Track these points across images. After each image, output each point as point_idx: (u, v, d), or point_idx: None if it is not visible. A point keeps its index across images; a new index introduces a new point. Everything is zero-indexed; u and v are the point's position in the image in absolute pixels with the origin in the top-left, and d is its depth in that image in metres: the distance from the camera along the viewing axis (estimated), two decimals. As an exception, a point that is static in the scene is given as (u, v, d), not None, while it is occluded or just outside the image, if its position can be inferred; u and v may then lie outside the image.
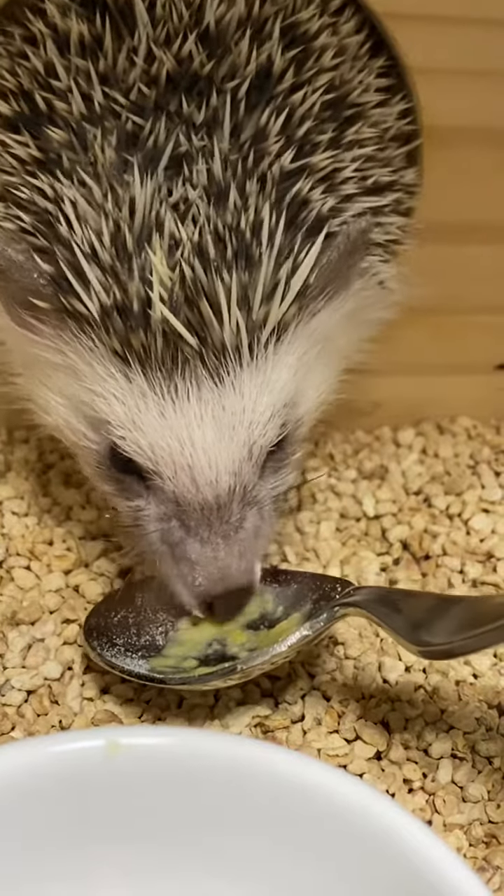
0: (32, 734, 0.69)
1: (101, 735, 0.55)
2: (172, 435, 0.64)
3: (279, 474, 0.70)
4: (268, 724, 0.70)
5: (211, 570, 0.66)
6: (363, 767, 0.68)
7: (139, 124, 0.67)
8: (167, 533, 0.67)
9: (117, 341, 0.63)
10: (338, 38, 0.74)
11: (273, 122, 0.68)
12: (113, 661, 0.69)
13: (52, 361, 0.68)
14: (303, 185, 0.67)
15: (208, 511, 0.65)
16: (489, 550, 0.83)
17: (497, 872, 0.63)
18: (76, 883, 0.55)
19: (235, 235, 0.64)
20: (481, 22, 0.78)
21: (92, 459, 0.69)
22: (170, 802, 0.55)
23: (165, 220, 0.63)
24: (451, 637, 0.62)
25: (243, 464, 0.65)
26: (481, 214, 0.86)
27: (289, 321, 0.65)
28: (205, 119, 0.67)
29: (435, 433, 0.96)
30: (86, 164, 0.66)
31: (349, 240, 0.67)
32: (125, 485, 0.68)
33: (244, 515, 0.66)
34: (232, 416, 0.64)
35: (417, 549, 0.83)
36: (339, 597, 0.69)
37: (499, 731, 0.70)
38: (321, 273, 0.66)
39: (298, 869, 0.54)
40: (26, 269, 0.65)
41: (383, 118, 0.76)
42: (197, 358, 0.63)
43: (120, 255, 0.63)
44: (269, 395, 0.66)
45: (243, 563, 0.66)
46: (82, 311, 0.64)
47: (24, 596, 0.78)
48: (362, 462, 0.92)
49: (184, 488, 0.65)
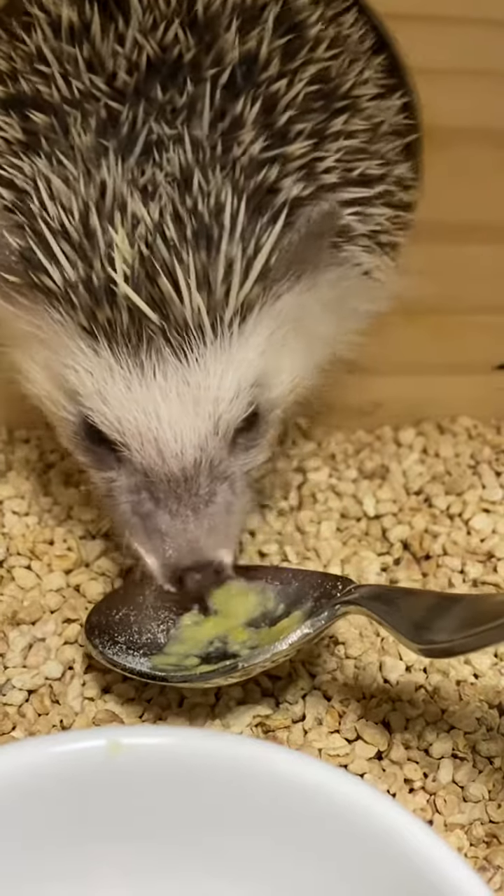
0: (33, 734, 0.69)
1: (103, 735, 0.55)
2: (139, 408, 0.66)
3: (250, 452, 0.71)
4: (269, 724, 0.70)
5: (180, 541, 0.68)
6: (364, 767, 0.68)
7: (118, 110, 0.68)
8: (137, 504, 0.69)
9: (84, 316, 0.65)
10: (337, 30, 0.75)
11: (251, 109, 0.68)
12: (114, 659, 0.69)
13: (32, 334, 0.69)
14: (274, 172, 0.68)
15: (175, 483, 0.67)
16: (490, 550, 0.83)
17: (498, 872, 0.63)
18: (77, 882, 0.55)
19: (195, 217, 0.65)
20: (482, 22, 0.78)
21: (69, 430, 0.71)
22: (171, 802, 0.55)
23: (130, 200, 0.65)
24: (451, 635, 0.62)
25: (209, 437, 0.67)
26: (481, 214, 0.86)
27: (252, 301, 0.67)
28: (183, 105, 0.68)
29: (435, 433, 0.96)
30: (66, 147, 0.68)
31: (310, 222, 0.68)
32: (98, 456, 0.70)
33: (213, 490, 0.68)
34: (197, 391, 0.66)
35: (418, 548, 0.83)
36: (341, 595, 0.69)
37: (499, 730, 0.70)
38: (283, 255, 0.67)
39: (300, 869, 0.54)
40: (1, 245, 0.67)
41: (378, 112, 0.76)
42: (160, 335, 0.64)
43: (87, 233, 0.65)
44: (234, 372, 0.67)
45: (213, 538, 0.68)
46: (50, 286, 0.66)
47: (25, 595, 0.78)
48: (363, 462, 0.92)
49: (151, 460, 0.67)
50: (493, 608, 0.62)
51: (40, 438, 0.92)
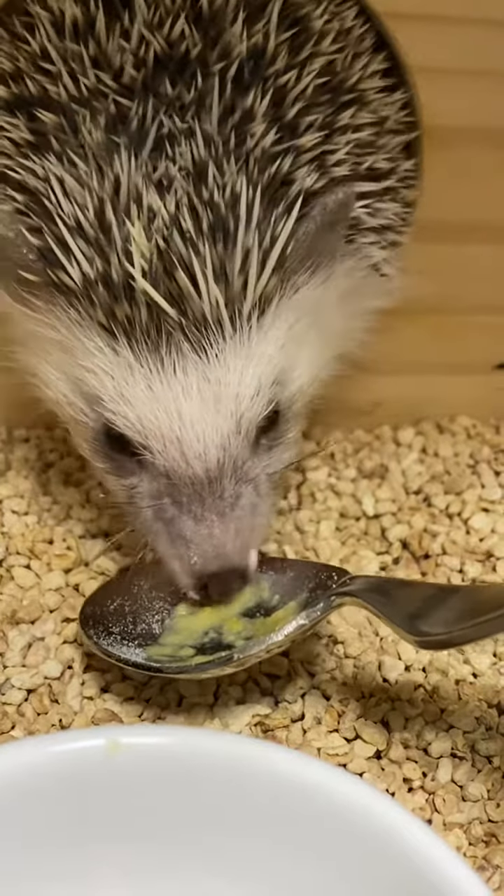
0: (32, 733, 0.69)
1: (102, 734, 0.55)
2: (160, 407, 0.65)
3: (273, 452, 0.70)
4: (268, 723, 0.70)
5: (206, 547, 0.66)
6: (363, 766, 0.68)
7: (127, 106, 0.68)
8: (160, 510, 0.67)
9: (102, 313, 0.65)
10: (340, 24, 0.75)
11: (260, 102, 0.68)
12: (109, 649, 0.69)
13: (48, 337, 0.69)
14: (287, 164, 0.68)
15: (199, 486, 0.66)
16: (489, 550, 0.83)
17: (497, 871, 0.63)
18: (76, 882, 0.55)
19: (211, 209, 0.65)
20: (482, 22, 0.78)
21: (88, 435, 0.70)
22: (170, 801, 0.55)
23: (146, 194, 0.65)
24: (449, 627, 0.62)
25: (232, 437, 0.66)
26: (481, 214, 0.86)
27: (270, 294, 0.66)
28: (192, 100, 0.68)
29: (434, 432, 0.96)
30: (76, 146, 0.67)
31: (326, 211, 0.68)
32: (118, 463, 0.69)
33: (238, 492, 0.67)
34: (218, 387, 0.65)
35: (417, 548, 0.83)
36: (336, 586, 0.69)
37: (498, 730, 0.70)
38: (300, 245, 0.67)
39: (298, 868, 0.54)
40: (17, 244, 0.66)
41: (383, 106, 0.76)
42: (179, 330, 0.64)
43: (103, 228, 0.64)
44: (254, 368, 0.66)
45: (239, 542, 0.67)
46: (69, 284, 0.65)
47: (24, 595, 0.78)
48: (362, 461, 0.92)
49: (174, 462, 0.66)
50: (491, 599, 0.62)
51: (39, 438, 0.92)
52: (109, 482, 0.72)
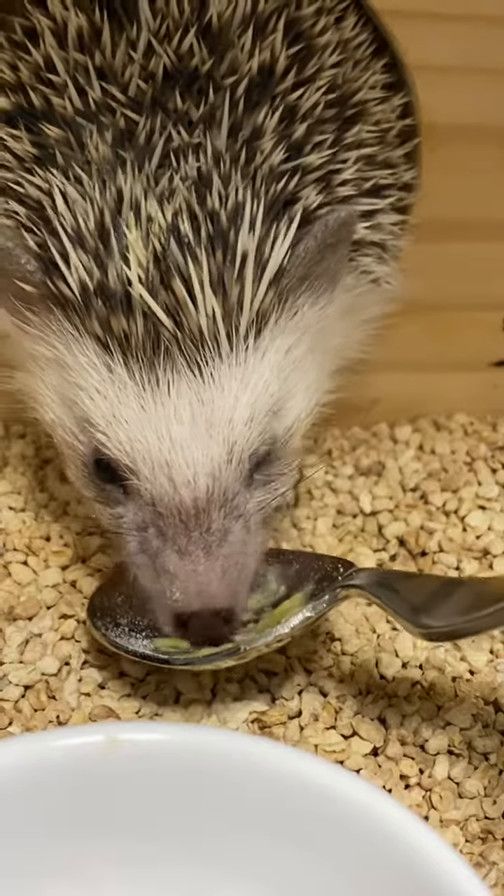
0: (30, 729, 0.69)
1: (101, 730, 0.55)
2: (151, 429, 0.63)
3: (268, 488, 0.68)
4: (265, 720, 0.70)
5: (188, 584, 0.63)
6: (360, 763, 0.68)
7: (134, 120, 0.67)
8: (144, 542, 0.65)
9: (98, 325, 0.63)
10: (339, 35, 0.74)
11: (270, 119, 0.67)
12: (117, 641, 0.69)
13: (44, 356, 0.68)
14: (293, 183, 0.67)
15: (186, 516, 0.63)
16: (485, 547, 0.83)
17: (493, 868, 0.63)
18: (74, 878, 0.55)
19: (212, 219, 0.63)
20: (480, 20, 0.78)
21: (78, 462, 0.69)
22: (168, 798, 0.55)
23: (146, 203, 0.64)
24: (454, 618, 0.62)
25: (223, 465, 0.63)
26: (478, 212, 0.86)
27: (267, 310, 0.65)
28: (202, 116, 0.67)
29: (432, 430, 0.96)
30: (82, 162, 0.66)
31: (327, 228, 0.66)
32: (106, 493, 0.67)
33: (227, 527, 0.64)
34: (211, 411, 0.63)
35: (414, 545, 0.83)
36: (342, 578, 0.69)
37: (495, 727, 0.71)
38: (298, 261, 0.66)
39: (296, 864, 0.55)
40: (15, 255, 0.65)
41: (385, 116, 0.76)
42: (174, 344, 0.62)
43: (102, 237, 0.63)
44: (250, 393, 0.64)
45: (225, 583, 0.64)
46: (66, 294, 0.64)
47: (22, 591, 0.78)
48: (359, 458, 0.92)
49: (161, 489, 0.63)
50: (495, 591, 0.63)
51: (37, 434, 0.92)
52: (98, 512, 0.69)
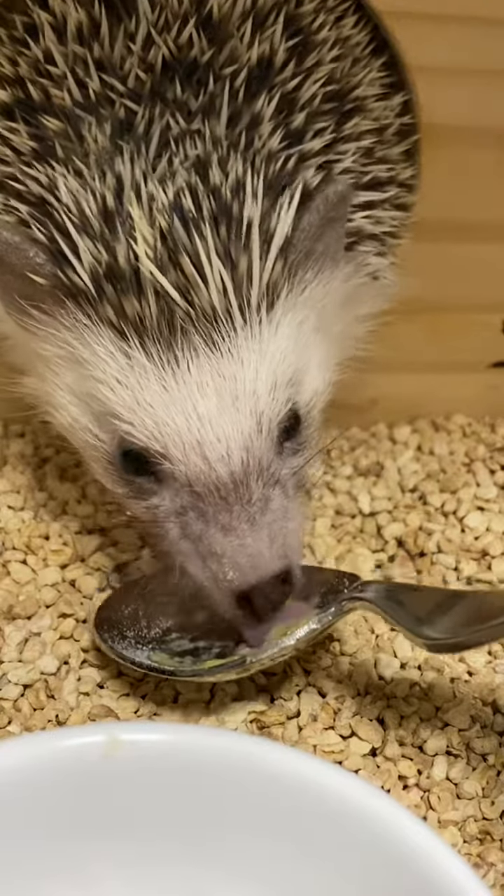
0: (29, 729, 0.69)
1: (102, 730, 0.55)
2: (177, 409, 0.62)
3: (297, 458, 0.68)
4: (264, 720, 0.70)
5: (239, 559, 0.62)
6: (358, 764, 0.69)
7: (133, 110, 0.67)
8: (186, 526, 0.64)
9: (112, 312, 0.63)
10: (338, 32, 0.74)
11: (268, 107, 0.68)
12: (124, 653, 0.69)
13: (55, 355, 0.67)
14: (292, 163, 0.67)
15: (225, 492, 0.62)
16: (484, 548, 0.83)
17: (491, 869, 0.63)
18: (74, 878, 0.55)
19: (214, 195, 0.63)
20: (481, 21, 0.78)
21: (103, 460, 0.68)
22: (168, 798, 0.55)
23: (147, 185, 0.63)
24: (460, 630, 0.63)
25: (254, 436, 0.63)
26: (478, 213, 0.86)
27: (277, 283, 0.64)
28: (201, 105, 0.67)
29: (430, 430, 0.96)
30: (81, 154, 0.66)
31: (328, 202, 0.67)
32: (137, 485, 0.66)
33: (267, 496, 0.63)
34: (234, 384, 0.63)
35: (412, 546, 0.83)
36: (348, 591, 0.69)
37: (493, 728, 0.71)
38: (303, 234, 0.66)
39: (296, 864, 0.55)
40: (22, 249, 0.65)
41: (384, 113, 0.76)
42: (189, 322, 0.62)
43: (107, 221, 0.63)
44: (269, 363, 0.64)
45: (275, 547, 0.63)
46: (77, 283, 0.63)
47: (21, 590, 0.78)
48: (358, 459, 0.92)
49: (196, 468, 0.62)
50: (500, 603, 0.64)
51: (36, 433, 0.92)
52: (132, 507, 0.68)
